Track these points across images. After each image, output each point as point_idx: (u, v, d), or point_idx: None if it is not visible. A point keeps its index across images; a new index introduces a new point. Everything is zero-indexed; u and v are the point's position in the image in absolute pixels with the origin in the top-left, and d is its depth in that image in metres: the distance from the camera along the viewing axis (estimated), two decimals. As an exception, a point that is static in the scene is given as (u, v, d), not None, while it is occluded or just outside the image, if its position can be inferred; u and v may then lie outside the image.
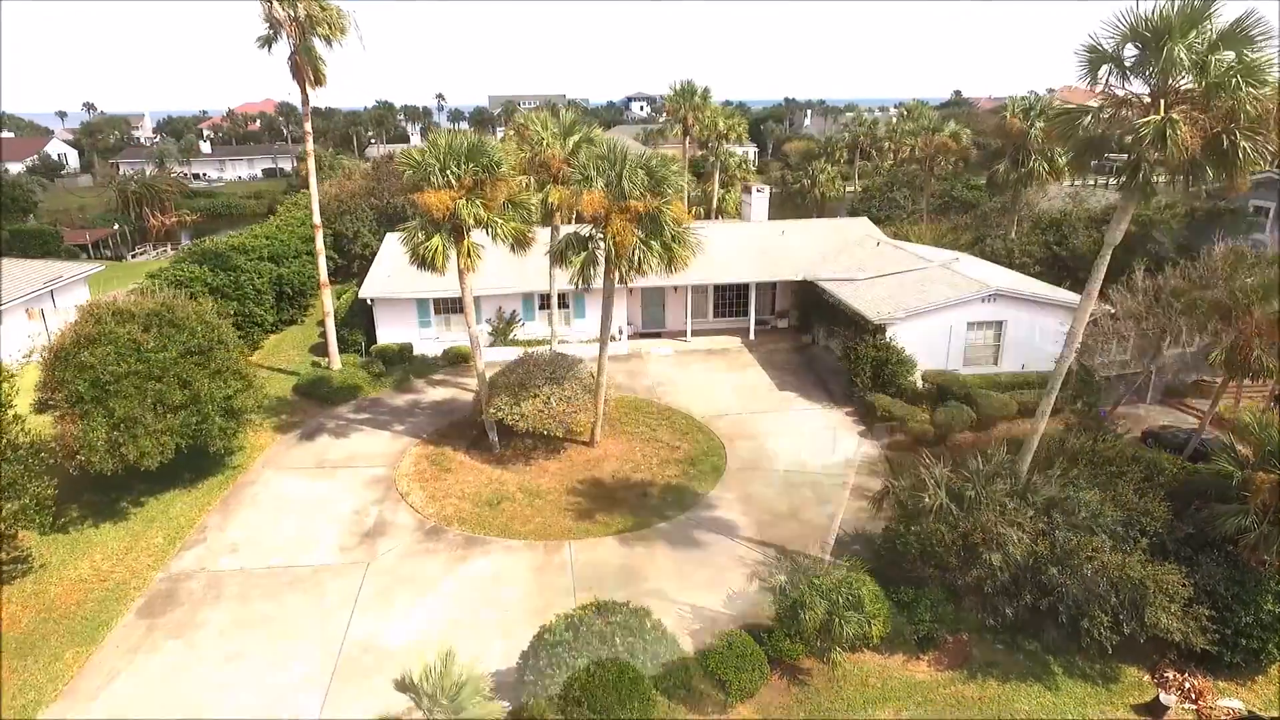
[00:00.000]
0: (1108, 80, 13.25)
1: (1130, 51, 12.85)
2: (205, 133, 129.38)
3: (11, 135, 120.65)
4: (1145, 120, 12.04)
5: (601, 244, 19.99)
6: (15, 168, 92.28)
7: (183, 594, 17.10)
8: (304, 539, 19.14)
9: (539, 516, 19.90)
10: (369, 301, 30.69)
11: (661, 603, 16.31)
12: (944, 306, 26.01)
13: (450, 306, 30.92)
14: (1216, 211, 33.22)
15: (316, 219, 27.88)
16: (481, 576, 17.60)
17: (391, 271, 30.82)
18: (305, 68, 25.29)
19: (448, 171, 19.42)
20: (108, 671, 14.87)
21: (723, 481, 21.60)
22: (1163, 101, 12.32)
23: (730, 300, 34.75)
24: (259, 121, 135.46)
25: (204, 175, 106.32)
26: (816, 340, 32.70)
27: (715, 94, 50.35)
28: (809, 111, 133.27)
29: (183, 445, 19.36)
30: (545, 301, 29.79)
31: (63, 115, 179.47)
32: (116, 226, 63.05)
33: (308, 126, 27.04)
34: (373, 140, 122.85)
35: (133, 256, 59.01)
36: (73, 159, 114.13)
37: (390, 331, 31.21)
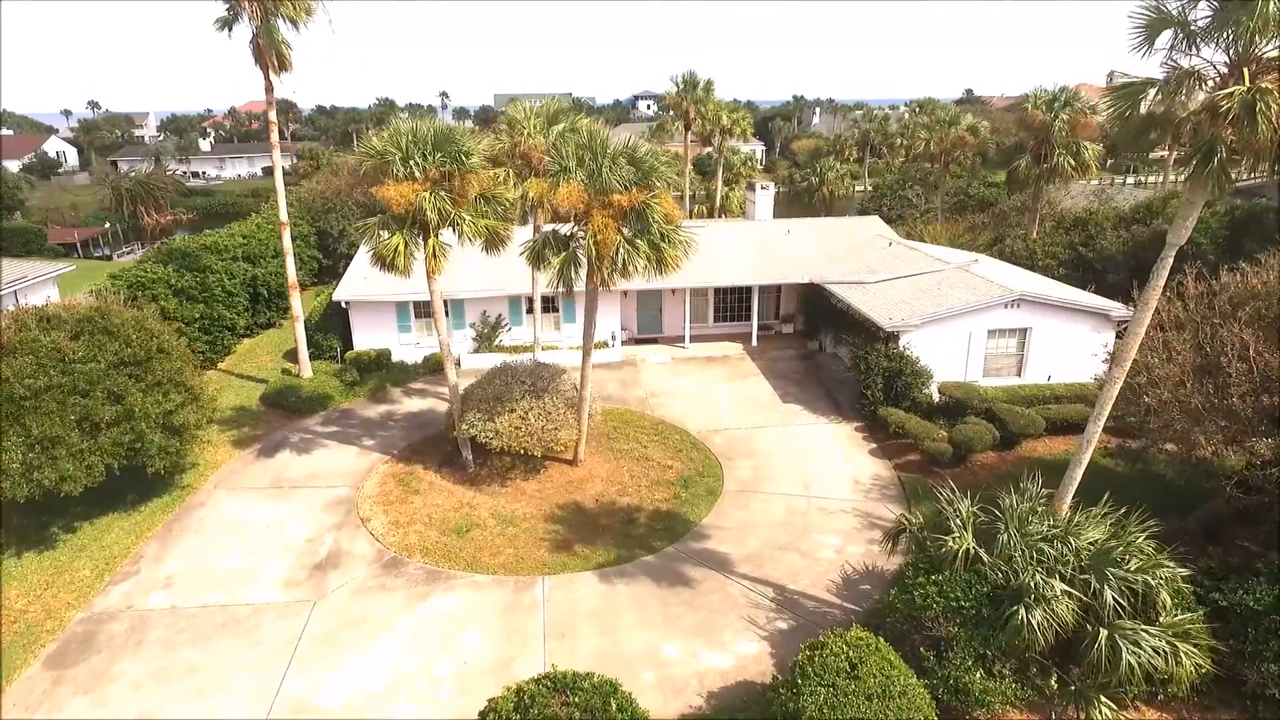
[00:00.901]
0: (1171, 48, 11.08)
1: (1201, 12, 10.68)
2: (207, 131, 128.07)
3: (10, 133, 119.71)
4: (1228, 92, 9.85)
5: (583, 243, 17.89)
6: (12, 165, 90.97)
7: (102, 638, 15.09)
8: (248, 572, 17.11)
9: (511, 547, 17.82)
10: (344, 304, 28.72)
11: (640, 653, 14.27)
12: (963, 312, 23.78)
13: (431, 310, 28.83)
14: (1259, 210, 30.80)
15: (283, 215, 25.89)
16: (442, 619, 15.52)
17: (369, 273, 28.71)
18: (268, 52, 23.29)
19: (411, 162, 17.39)
20: (0, 735, 12.93)
21: (718, 507, 19.47)
22: (1245, 71, 10.12)
23: (732, 304, 32.64)
24: (261, 120, 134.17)
25: (203, 173, 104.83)
26: (824, 347, 30.51)
27: (723, 92, 48.33)
28: (818, 109, 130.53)
29: (115, 466, 17.41)
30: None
31: (67, 114, 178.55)
32: (107, 224, 61.37)
33: (272, 115, 25.07)
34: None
35: (119, 255, 57.39)
36: (72, 157, 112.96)
37: (367, 336, 29.20)
